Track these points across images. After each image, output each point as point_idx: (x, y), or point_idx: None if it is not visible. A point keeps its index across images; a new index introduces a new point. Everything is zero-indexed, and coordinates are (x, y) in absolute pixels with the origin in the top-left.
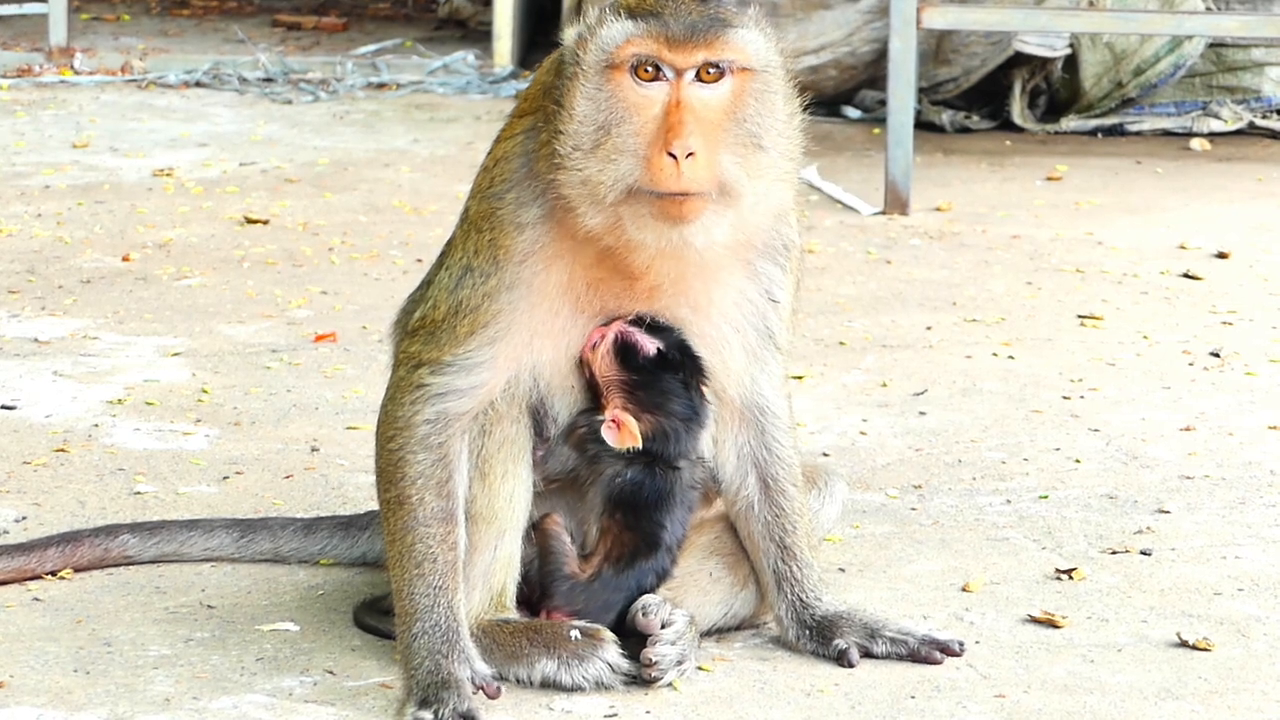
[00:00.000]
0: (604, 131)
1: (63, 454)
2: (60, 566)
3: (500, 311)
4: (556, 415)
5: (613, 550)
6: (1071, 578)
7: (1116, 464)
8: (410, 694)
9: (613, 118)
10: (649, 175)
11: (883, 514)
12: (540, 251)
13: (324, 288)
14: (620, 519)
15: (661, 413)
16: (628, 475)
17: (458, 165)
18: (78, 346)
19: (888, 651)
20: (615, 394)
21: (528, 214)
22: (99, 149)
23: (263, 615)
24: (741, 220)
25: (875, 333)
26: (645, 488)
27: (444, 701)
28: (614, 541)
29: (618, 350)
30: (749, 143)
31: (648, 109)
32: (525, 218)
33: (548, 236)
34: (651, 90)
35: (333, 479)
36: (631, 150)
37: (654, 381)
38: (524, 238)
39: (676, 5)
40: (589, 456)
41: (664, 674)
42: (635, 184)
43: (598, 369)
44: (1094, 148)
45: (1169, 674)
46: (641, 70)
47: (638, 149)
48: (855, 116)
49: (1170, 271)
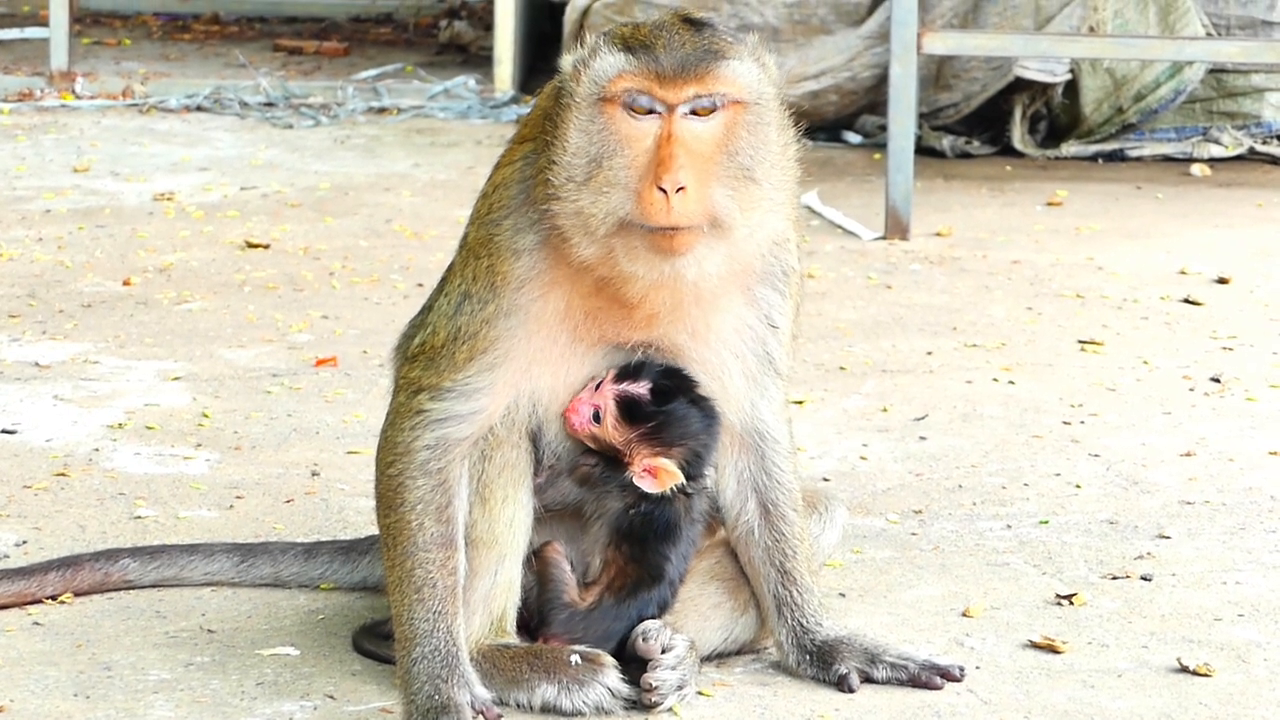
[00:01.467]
0: (596, 164)
1: (63, 478)
2: (60, 591)
3: (499, 338)
4: (554, 445)
5: (615, 580)
6: (1072, 603)
7: (1117, 489)
8: (410, 718)
9: (605, 150)
10: (640, 209)
11: (883, 539)
12: (537, 278)
13: (325, 312)
14: (626, 551)
15: (687, 439)
16: (640, 508)
17: (458, 190)
18: (78, 370)
19: (888, 676)
20: (640, 448)
21: (524, 240)
22: (100, 173)
23: (263, 640)
24: (734, 252)
25: (875, 358)
26: (655, 520)
27: None
28: (617, 572)
29: (622, 411)
30: (741, 175)
31: (639, 142)
32: (522, 244)
33: (545, 263)
34: (643, 124)
35: (333, 503)
36: (623, 183)
37: (668, 418)
38: (521, 264)
39: (669, 37)
40: (596, 494)
41: (664, 699)
42: (626, 217)
43: (612, 437)
44: (1094, 173)
45: (1169, 700)
46: (634, 104)
47: (629, 182)
48: (856, 142)
49: (1170, 297)
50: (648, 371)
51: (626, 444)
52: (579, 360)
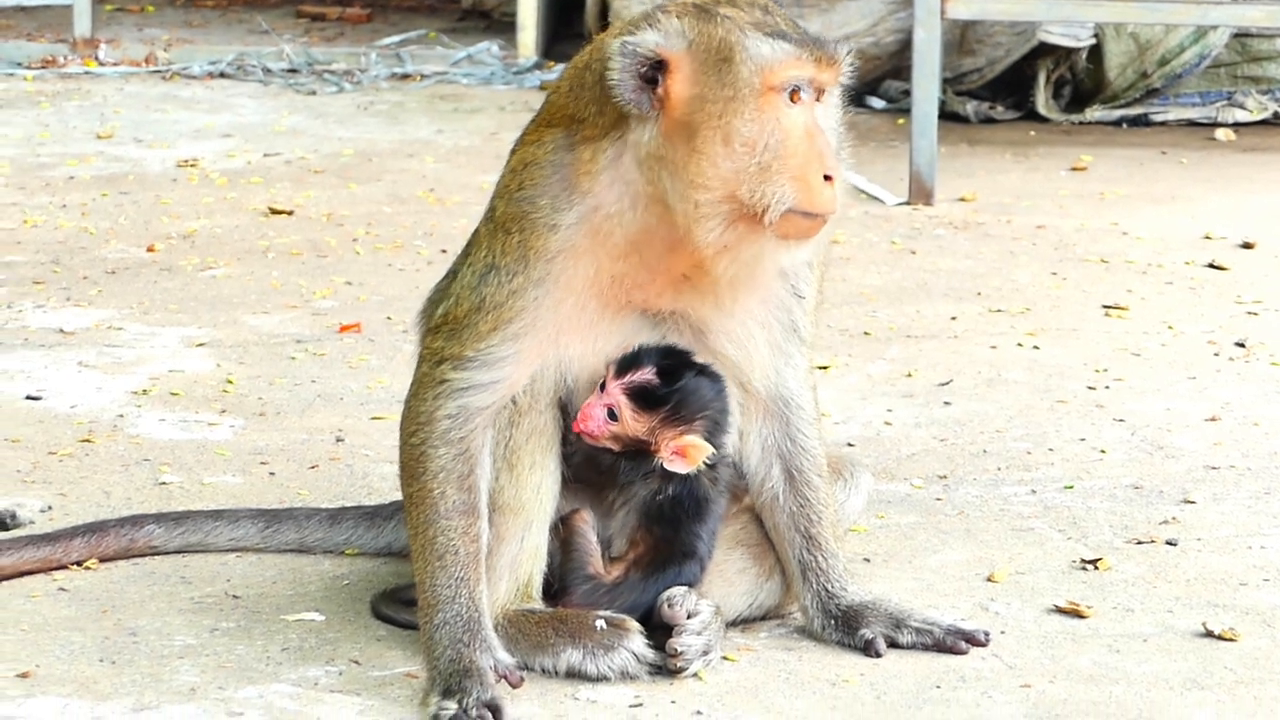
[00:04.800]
0: (760, 152)
1: (88, 444)
2: (86, 556)
3: (525, 308)
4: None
5: (644, 556)
6: (1097, 568)
7: (1142, 454)
8: (434, 684)
9: (770, 139)
10: (809, 198)
11: (908, 504)
12: (570, 249)
13: (348, 278)
14: (658, 533)
15: (706, 409)
16: (668, 491)
17: (482, 156)
18: (102, 337)
19: (913, 641)
20: (664, 432)
21: (563, 217)
22: (123, 140)
23: (288, 605)
24: None
25: (900, 323)
26: (684, 500)
27: (467, 691)
28: (646, 549)
29: (636, 401)
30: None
31: (797, 130)
32: (560, 220)
33: (578, 235)
34: (795, 111)
35: (357, 469)
36: (790, 172)
37: (683, 394)
38: (557, 238)
39: (787, 21)
40: (620, 482)
41: (689, 664)
42: (793, 206)
43: (633, 430)
44: (1119, 138)
45: (1195, 664)
46: (794, 93)
47: (794, 171)
48: (880, 107)
49: (1195, 262)
50: (647, 357)
51: (650, 432)
52: (607, 326)
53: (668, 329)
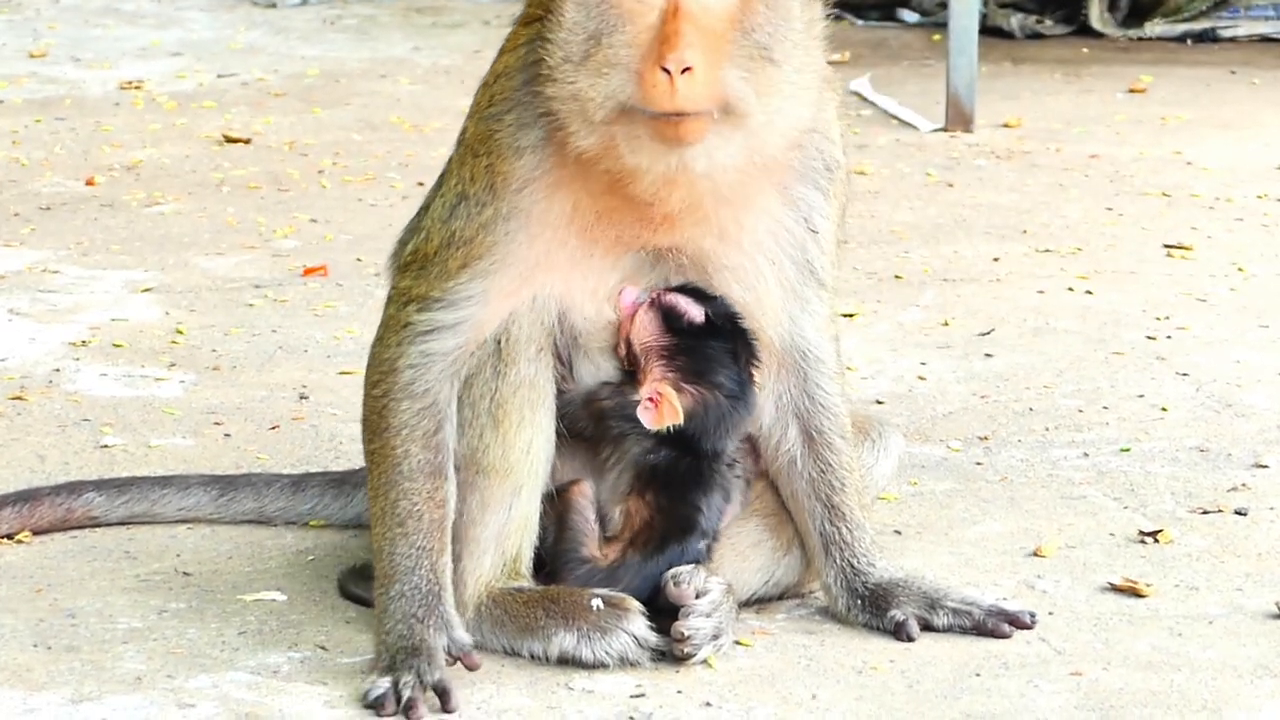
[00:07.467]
0: (594, 41)
1: (19, 402)
2: (17, 529)
3: (496, 244)
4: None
5: (640, 534)
6: (1157, 540)
7: (1208, 412)
8: (378, 659)
9: (604, 26)
10: (641, 92)
11: (944, 469)
12: (542, 178)
13: (313, 215)
14: (651, 500)
15: (705, 384)
16: (661, 454)
17: (463, 76)
18: (36, 281)
19: (949, 624)
20: (654, 362)
21: (528, 136)
22: (59, 59)
23: (245, 583)
24: (752, 142)
25: (935, 265)
26: (680, 466)
27: (410, 669)
28: (643, 525)
29: (658, 313)
30: (758, 55)
31: (643, 17)
32: (525, 141)
33: (550, 162)
34: None
35: (323, 430)
36: (624, 63)
37: (698, 348)
38: (523, 163)
39: None
40: (613, 435)
41: (698, 649)
42: (628, 101)
43: (634, 334)
44: (1182, 56)
45: (1266, 648)
46: None
47: (630, 62)
48: (912, 21)
49: (1268, 195)
50: (718, 306)
51: (645, 351)
52: (596, 266)
53: (668, 268)
